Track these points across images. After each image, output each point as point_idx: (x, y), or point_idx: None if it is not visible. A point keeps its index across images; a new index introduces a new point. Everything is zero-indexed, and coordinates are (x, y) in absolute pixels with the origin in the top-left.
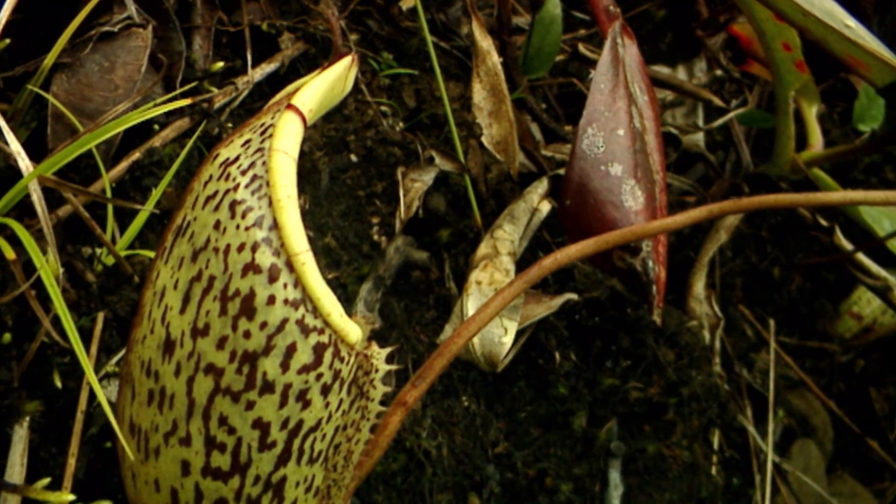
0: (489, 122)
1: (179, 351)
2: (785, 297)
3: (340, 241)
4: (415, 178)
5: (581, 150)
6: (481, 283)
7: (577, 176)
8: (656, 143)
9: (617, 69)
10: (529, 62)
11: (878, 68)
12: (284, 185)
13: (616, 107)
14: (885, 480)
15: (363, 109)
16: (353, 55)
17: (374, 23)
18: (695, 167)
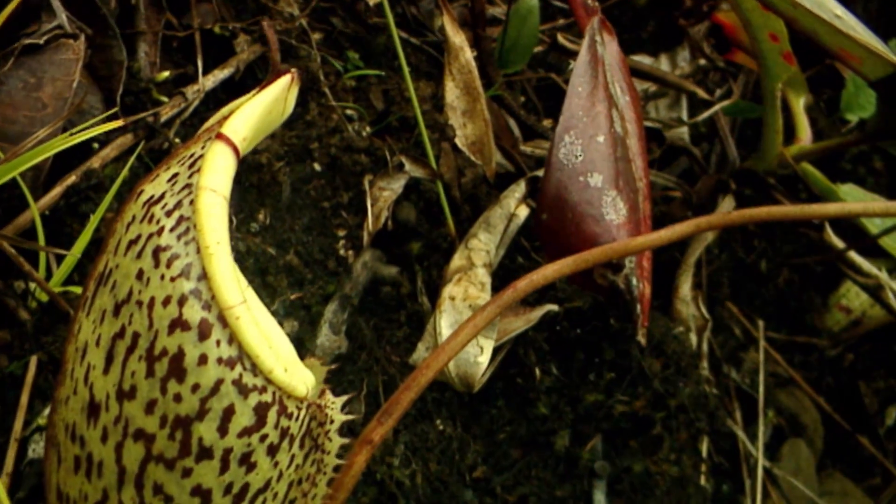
0: (463, 122)
1: (105, 415)
2: (773, 291)
3: (304, 257)
4: (383, 187)
5: (558, 159)
6: (455, 299)
7: (553, 188)
8: (639, 146)
9: (596, 70)
10: (506, 56)
11: (871, 61)
12: (213, 230)
13: (595, 111)
14: (877, 476)
15: (327, 114)
16: (293, 73)
17: (339, 20)
18: (679, 160)
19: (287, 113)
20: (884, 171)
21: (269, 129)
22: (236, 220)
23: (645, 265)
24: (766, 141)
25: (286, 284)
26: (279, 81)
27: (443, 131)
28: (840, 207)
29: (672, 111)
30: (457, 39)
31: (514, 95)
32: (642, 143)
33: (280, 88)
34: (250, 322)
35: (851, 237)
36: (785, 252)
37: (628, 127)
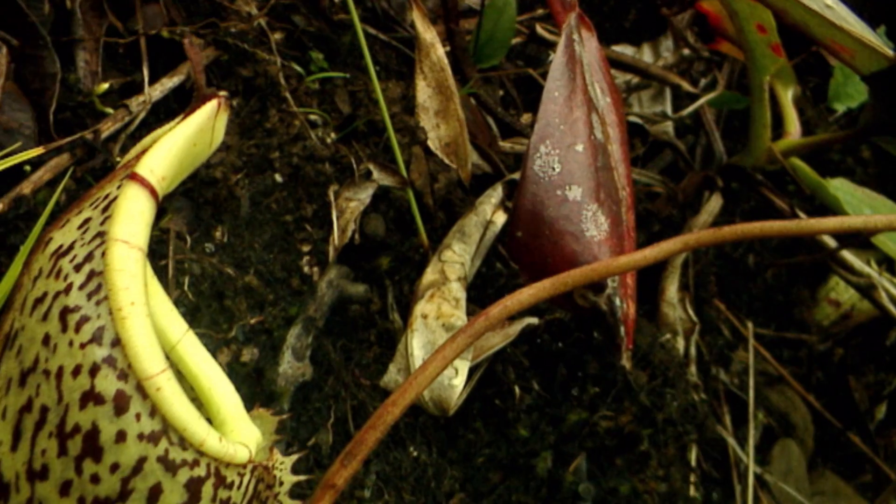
0: (436, 122)
1: (16, 496)
2: (761, 285)
3: (265, 277)
4: (350, 198)
5: (533, 172)
6: (427, 317)
7: (528, 203)
8: (621, 152)
9: (573, 72)
10: (481, 50)
11: (864, 54)
12: (126, 289)
13: (573, 118)
14: (867, 473)
15: (288, 121)
16: (220, 99)
17: (301, 18)
18: (663, 153)
19: (216, 142)
20: (872, 160)
21: (196, 161)
22: (191, 240)
23: (629, 283)
24: (754, 135)
25: (245, 308)
26: (203, 109)
27: (414, 134)
28: (840, 222)
29: (655, 103)
30: (428, 36)
31: (493, 90)
32: (625, 148)
33: (204, 117)
34: (174, 391)
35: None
36: (773, 246)
37: (609, 132)
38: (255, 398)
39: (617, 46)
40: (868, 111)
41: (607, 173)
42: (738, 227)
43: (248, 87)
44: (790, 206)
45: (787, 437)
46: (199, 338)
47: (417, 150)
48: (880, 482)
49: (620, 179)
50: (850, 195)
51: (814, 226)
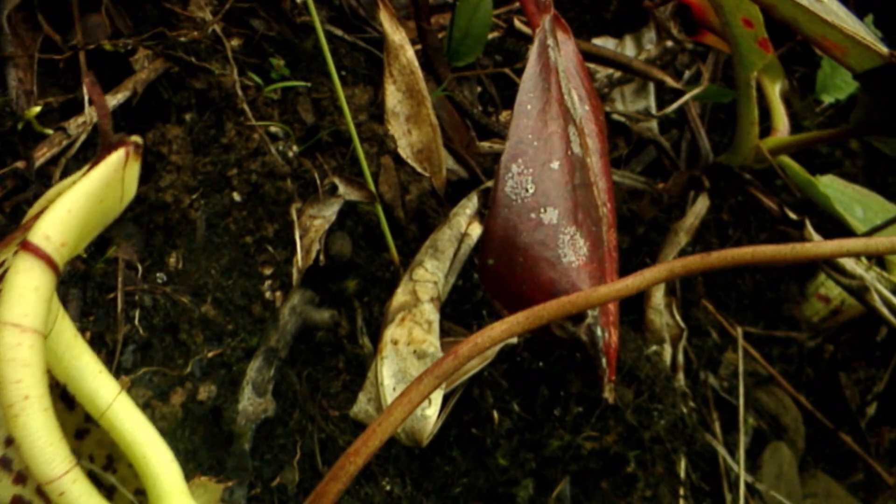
0: (407, 128)
1: None
2: (749, 282)
3: (223, 305)
4: (314, 215)
5: (504, 195)
6: (398, 343)
7: (500, 229)
8: (601, 164)
9: (548, 81)
10: (456, 48)
11: (857, 52)
12: (18, 381)
13: (548, 132)
14: (859, 472)
15: (247, 134)
16: (129, 147)
17: (261, 22)
18: (647, 149)
19: (128, 196)
20: (860, 151)
21: (106, 219)
22: (142, 269)
23: (611, 309)
24: (741, 133)
25: (202, 340)
26: (109, 160)
27: (382, 144)
28: (838, 246)
29: (639, 97)
30: (396, 37)
31: (471, 87)
32: (605, 160)
33: (111, 169)
34: (83, 493)
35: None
36: (762, 240)
37: (589, 143)
38: (213, 440)
39: (598, 39)
40: (860, 109)
41: (586, 191)
42: (727, 253)
43: (202, 100)
44: (779, 206)
45: (778, 440)
46: (151, 376)
47: (387, 160)
48: (872, 481)
49: (601, 195)
50: (840, 193)
51: (809, 250)
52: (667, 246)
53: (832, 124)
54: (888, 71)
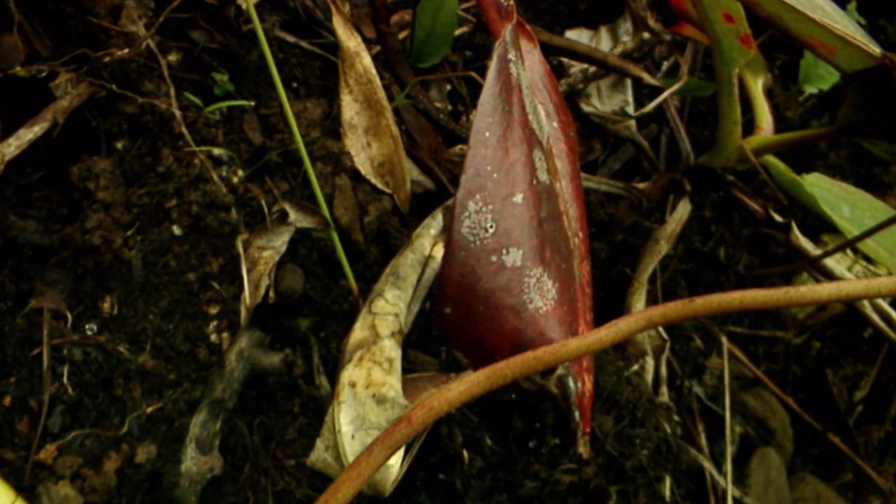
0: (366, 141)
1: None
2: (733, 279)
3: (164, 352)
4: (262, 246)
5: (461, 236)
6: (356, 386)
7: (457, 274)
8: (572, 187)
9: (509, 102)
10: (420, 49)
11: (847, 52)
12: None
13: (510, 161)
14: (848, 472)
15: (187, 160)
16: None
17: (202, 33)
18: (624, 147)
19: None
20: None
21: None
22: (71, 318)
23: None
24: (723, 133)
25: (140, 394)
26: None
27: (338, 162)
28: (837, 289)
29: (616, 91)
30: (351, 43)
31: (440, 87)
32: (576, 182)
33: None
34: None
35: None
36: (745, 236)
37: (558, 165)
38: None
39: (572, 32)
40: (848, 109)
41: (554, 224)
42: (713, 299)
43: (135, 126)
44: (764, 208)
45: (766, 445)
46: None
47: (342, 179)
48: (861, 481)
49: (571, 224)
50: (826, 191)
51: (805, 295)
52: (647, 255)
53: (816, 114)
54: (880, 72)
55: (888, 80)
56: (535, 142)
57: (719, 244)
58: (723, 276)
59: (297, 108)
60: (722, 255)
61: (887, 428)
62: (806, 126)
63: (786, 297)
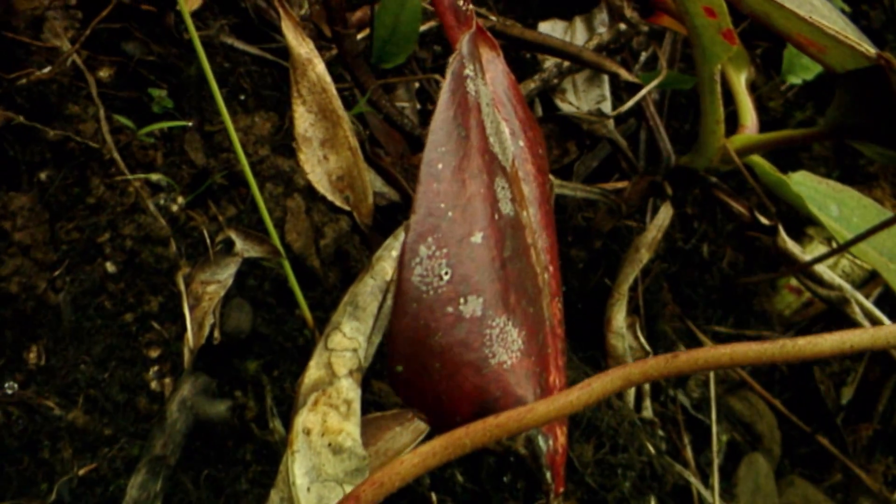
0: (323, 154)
1: None
2: (717, 276)
3: (99, 404)
4: (206, 280)
5: (411, 286)
6: (311, 433)
7: (408, 329)
8: (541, 215)
9: (466, 126)
10: (383, 49)
11: (839, 51)
12: None
13: (467, 195)
14: (837, 472)
15: (120, 188)
16: None
17: (136, 45)
18: (602, 145)
19: None
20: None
21: None
22: None
23: None
24: (706, 133)
25: (71, 454)
26: None
27: (290, 181)
28: (840, 341)
29: (592, 85)
30: (302, 50)
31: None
32: (546, 208)
33: None
34: None
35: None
36: (728, 231)
37: (525, 190)
38: None
39: (545, 23)
40: (837, 109)
41: (519, 262)
42: (699, 355)
43: (60, 154)
44: (749, 210)
45: (754, 451)
46: None
47: (295, 201)
48: (851, 481)
49: (540, 257)
50: (813, 190)
51: (804, 349)
52: (627, 265)
53: (799, 104)
54: (875, 73)
55: (883, 81)
56: (498, 168)
57: (702, 241)
58: (706, 275)
59: (245, 123)
60: (705, 253)
61: (875, 426)
62: (789, 117)
63: (782, 352)
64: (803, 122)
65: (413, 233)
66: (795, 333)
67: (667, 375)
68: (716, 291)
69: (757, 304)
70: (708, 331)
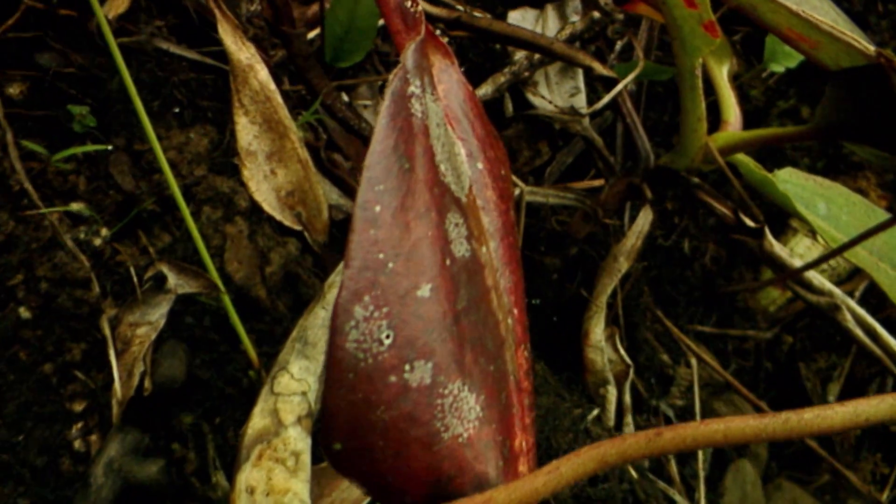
0: (269, 169)
1: None
2: (698, 271)
3: (13, 471)
4: (135, 322)
5: (346, 354)
6: (255, 492)
7: (344, 403)
8: (503, 248)
9: (410, 155)
10: (339, 46)
11: (833, 48)
12: None
13: (412, 240)
14: (825, 474)
15: (35, 223)
16: None
17: (53, 56)
18: (575, 141)
19: None
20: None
21: None
22: None
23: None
24: (687, 132)
25: None
26: None
27: (230, 203)
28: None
29: (566, 78)
30: (243, 56)
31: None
32: (510, 240)
33: None
34: None
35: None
36: (709, 226)
37: (485, 221)
38: None
39: (515, 12)
40: (828, 108)
41: (477, 312)
42: (686, 432)
43: None
44: (734, 212)
45: (740, 458)
46: None
47: (236, 225)
48: (839, 481)
49: (503, 300)
50: (800, 188)
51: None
52: (605, 275)
53: (781, 92)
54: (874, 72)
55: (882, 80)
56: (450, 201)
57: (683, 237)
58: (688, 271)
59: (179, 139)
60: (686, 249)
61: None
62: (772, 106)
63: (785, 428)
64: (787, 112)
65: (346, 292)
66: (781, 330)
67: (648, 455)
68: (698, 289)
69: (741, 300)
70: (690, 331)
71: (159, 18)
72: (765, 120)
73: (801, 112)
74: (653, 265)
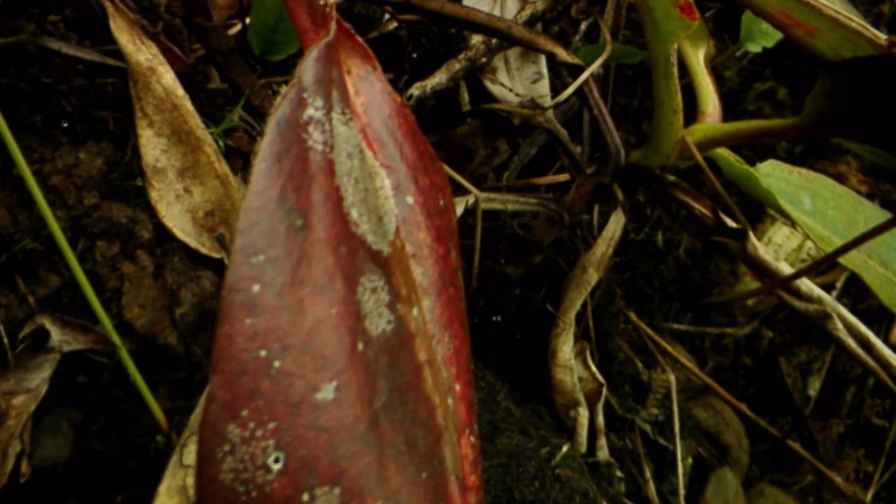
0: (182, 187)
1: None
2: (673, 265)
3: None
4: (10, 391)
5: (221, 488)
6: None
7: None
8: (439, 306)
9: (304, 205)
10: (270, 38)
11: (834, 35)
12: None
13: (308, 325)
14: (807, 475)
15: None
16: None
17: None
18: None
19: None
20: (788, 102)
21: None
22: None
23: None
24: (661, 125)
25: None
26: None
27: (129, 235)
28: None
29: (527, 62)
30: (142, 57)
31: None
32: (450, 293)
33: None
34: None
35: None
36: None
37: (416, 272)
38: None
39: None
40: (822, 99)
41: (403, 406)
42: None
43: None
44: (713, 212)
45: (721, 466)
46: None
47: (137, 261)
48: (823, 481)
49: (441, 376)
50: (784, 182)
51: None
52: (573, 287)
53: (756, 73)
54: (884, 63)
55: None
56: (365, 259)
57: (656, 229)
58: (662, 265)
59: (67, 161)
60: (660, 241)
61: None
62: (748, 88)
63: None
64: (763, 94)
65: (215, 406)
66: (759, 323)
67: None
68: (673, 283)
69: (717, 293)
70: (665, 330)
71: (55, 13)
72: (741, 103)
73: (777, 93)
74: (624, 261)
